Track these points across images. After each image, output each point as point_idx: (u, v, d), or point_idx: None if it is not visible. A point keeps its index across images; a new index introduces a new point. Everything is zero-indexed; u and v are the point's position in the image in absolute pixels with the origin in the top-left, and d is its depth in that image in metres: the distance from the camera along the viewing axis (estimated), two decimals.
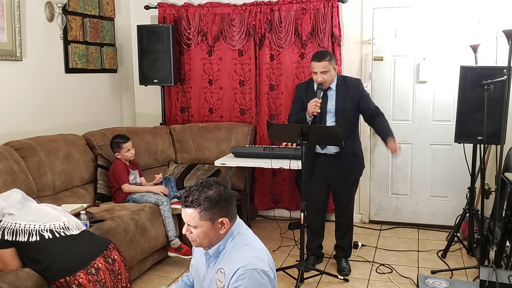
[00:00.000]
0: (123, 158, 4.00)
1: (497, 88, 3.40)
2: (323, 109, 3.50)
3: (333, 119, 3.55)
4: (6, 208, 2.70)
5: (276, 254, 4.13)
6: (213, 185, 1.95)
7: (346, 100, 3.52)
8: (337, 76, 3.58)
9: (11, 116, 3.78)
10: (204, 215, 1.91)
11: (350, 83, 3.59)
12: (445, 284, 3.30)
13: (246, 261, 1.88)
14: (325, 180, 3.68)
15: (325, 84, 3.47)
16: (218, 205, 1.92)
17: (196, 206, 1.91)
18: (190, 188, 1.96)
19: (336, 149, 3.57)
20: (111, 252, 2.78)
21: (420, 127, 4.67)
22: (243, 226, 2.07)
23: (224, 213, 1.95)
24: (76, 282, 2.58)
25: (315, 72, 3.45)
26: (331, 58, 3.47)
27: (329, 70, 3.44)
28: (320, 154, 3.61)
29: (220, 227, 1.95)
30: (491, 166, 4.23)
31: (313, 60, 3.47)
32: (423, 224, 4.76)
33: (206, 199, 1.91)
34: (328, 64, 3.42)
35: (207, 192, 1.92)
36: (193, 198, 1.91)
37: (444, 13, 4.45)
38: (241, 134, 4.76)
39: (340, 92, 3.54)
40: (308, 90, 3.60)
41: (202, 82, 5.06)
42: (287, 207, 4.98)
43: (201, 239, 1.96)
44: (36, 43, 3.98)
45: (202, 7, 4.93)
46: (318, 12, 4.59)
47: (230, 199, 1.98)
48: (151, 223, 3.67)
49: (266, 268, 1.90)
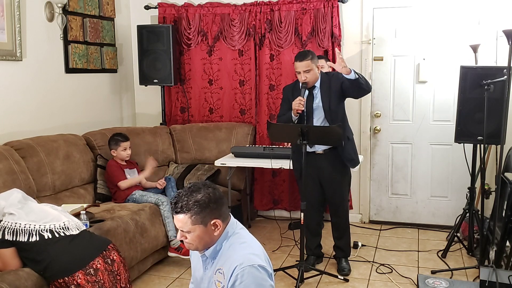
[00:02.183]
0: (118, 156, 4.00)
1: (497, 88, 3.40)
2: (309, 108, 3.54)
3: (320, 115, 3.57)
4: (6, 207, 2.70)
5: (276, 254, 4.13)
6: (202, 188, 1.94)
7: (331, 95, 3.56)
8: (321, 74, 3.62)
9: (11, 116, 3.78)
10: (195, 220, 1.90)
11: (332, 76, 3.63)
12: (445, 284, 3.30)
13: (242, 259, 1.88)
14: (317, 178, 3.69)
15: (309, 83, 3.51)
16: (209, 208, 1.91)
17: (186, 211, 1.90)
18: (179, 194, 1.95)
19: (325, 147, 3.60)
20: (110, 253, 2.77)
21: (420, 127, 4.66)
22: (238, 225, 2.06)
23: (215, 215, 1.94)
24: (74, 282, 2.57)
25: (298, 72, 3.49)
26: (313, 57, 3.50)
27: (312, 69, 3.47)
28: (310, 153, 3.61)
29: (213, 229, 1.94)
30: (491, 166, 4.23)
31: (295, 60, 3.51)
32: (423, 224, 4.76)
33: (196, 203, 1.90)
34: (311, 63, 3.46)
35: (196, 196, 1.91)
36: (183, 204, 1.90)
37: (444, 13, 4.45)
38: (241, 134, 4.76)
39: (325, 89, 3.57)
40: (295, 90, 3.64)
41: (202, 82, 5.06)
42: (287, 208, 4.97)
43: (196, 243, 1.96)
44: (36, 43, 3.98)
45: (202, 7, 4.93)
46: (318, 12, 4.59)
47: (220, 200, 1.97)
48: (151, 223, 3.67)
49: (263, 263, 1.90)
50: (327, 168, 3.64)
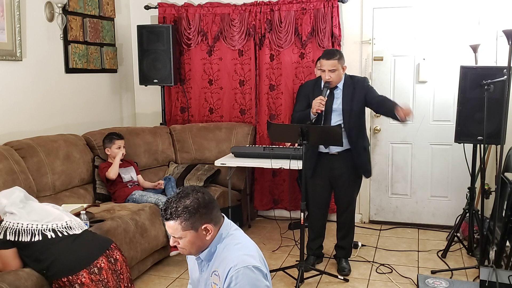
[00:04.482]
0: (112, 155, 4.00)
1: (497, 88, 3.41)
2: (328, 108, 3.50)
3: (338, 118, 3.54)
4: (7, 206, 2.69)
5: (276, 254, 4.13)
6: (190, 193, 1.92)
7: (353, 100, 3.52)
8: (345, 76, 3.58)
9: (11, 116, 3.78)
10: (185, 225, 1.89)
11: (356, 82, 3.59)
12: (445, 284, 3.30)
13: (236, 260, 1.88)
14: (328, 180, 3.67)
15: (332, 83, 3.47)
16: (198, 213, 1.90)
17: (176, 217, 1.89)
18: (168, 200, 1.93)
19: (338, 148, 3.57)
20: (113, 252, 2.77)
21: (420, 127, 4.67)
22: (233, 226, 2.05)
23: (206, 220, 1.92)
24: (78, 281, 2.58)
25: (323, 70, 3.45)
26: (341, 57, 3.47)
27: (337, 69, 3.44)
28: (323, 154, 3.60)
29: (204, 233, 1.93)
30: (491, 166, 4.23)
31: (322, 58, 3.47)
32: (423, 224, 4.76)
33: (185, 209, 1.88)
34: (337, 63, 3.43)
35: (185, 201, 1.90)
36: (172, 210, 1.89)
37: (444, 13, 4.45)
38: (241, 134, 4.76)
39: (347, 91, 3.54)
40: (316, 88, 3.59)
41: (202, 82, 5.06)
42: (287, 207, 4.98)
43: (189, 248, 1.96)
44: (36, 43, 3.98)
45: (202, 7, 4.93)
46: (318, 12, 4.59)
47: (211, 204, 1.95)
48: (151, 223, 3.67)
49: (257, 264, 1.89)
50: (340, 169, 3.61)
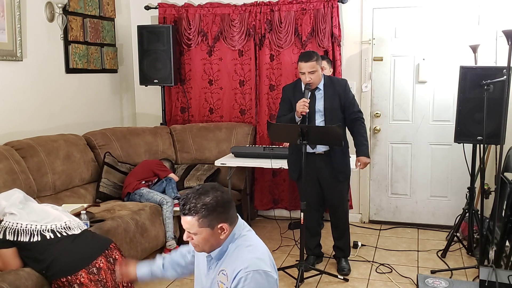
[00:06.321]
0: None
1: (496, 88, 3.41)
2: (311, 109, 3.53)
3: (322, 119, 3.57)
4: (7, 207, 2.71)
5: (276, 254, 4.13)
6: (210, 191, 1.93)
7: (334, 100, 3.56)
8: (324, 77, 3.62)
9: (12, 116, 3.78)
10: (202, 222, 1.90)
11: (337, 82, 3.63)
12: (445, 284, 3.30)
13: (247, 262, 1.87)
14: (316, 179, 3.69)
15: (312, 84, 3.50)
16: (216, 211, 1.91)
17: (194, 213, 1.89)
18: (188, 195, 1.94)
19: (325, 148, 3.60)
20: (112, 252, 2.78)
21: (420, 127, 4.67)
22: (246, 227, 2.05)
23: (223, 219, 1.93)
24: (77, 281, 2.58)
25: (302, 73, 3.48)
26: (318, 58, 3.50)
27: (316, 70, 3.47)
28: (310, 154, 3.61)
29: (220, 232, 1.94)
30: (491, 166, 4.22)
31: (300, 60, 3.49)
32: (423, 224, 4.77)
33: (204, 206, 1.89)
34: (316, 64, 3.45)
35: (204, 199, 1.90)
36: (191, 206, 1.90)
37: (444, 13, 4.45)
38: (241, 134, 4.77)
39: (328, 91, 3.58)
40: (296, 91, 3.62)
41: (202, 82, 5.07)
42: (287, 207, 4.98)
43: (202, 245, 1.96)
44: (36, 43, 3.99)
45: (202, 8, 4.94)
46: (318, 12, 4.60)
47: (228, 204, 1.96)
48: (151, 223, 3.67)
49: (268, 269, 1.89)
50: (325, 169, 3.63)
